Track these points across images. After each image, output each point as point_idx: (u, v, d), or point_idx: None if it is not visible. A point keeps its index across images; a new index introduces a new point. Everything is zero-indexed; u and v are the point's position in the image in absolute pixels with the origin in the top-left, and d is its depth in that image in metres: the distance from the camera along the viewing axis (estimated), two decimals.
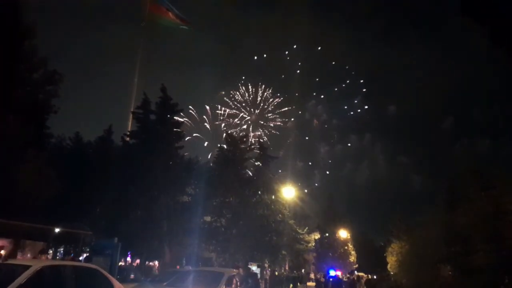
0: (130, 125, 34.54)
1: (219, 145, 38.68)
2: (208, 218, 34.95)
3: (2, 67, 20.08)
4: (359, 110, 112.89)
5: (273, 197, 37.24)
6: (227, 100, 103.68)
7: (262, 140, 39.89)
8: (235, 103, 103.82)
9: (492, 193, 20.95)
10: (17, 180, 21.28)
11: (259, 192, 36.49)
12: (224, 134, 46.46)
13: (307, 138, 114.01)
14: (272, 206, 36.66)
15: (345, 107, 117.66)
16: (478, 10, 17.27)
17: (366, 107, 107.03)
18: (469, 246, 21.47)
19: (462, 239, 22.33)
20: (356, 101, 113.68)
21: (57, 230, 22.06)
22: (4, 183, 20.42)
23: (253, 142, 47.12)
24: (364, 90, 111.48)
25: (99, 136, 32.64)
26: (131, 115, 33.85)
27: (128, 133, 32.21)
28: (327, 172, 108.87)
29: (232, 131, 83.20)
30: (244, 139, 37.37)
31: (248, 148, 37.65)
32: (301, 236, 48.66)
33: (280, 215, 37.41)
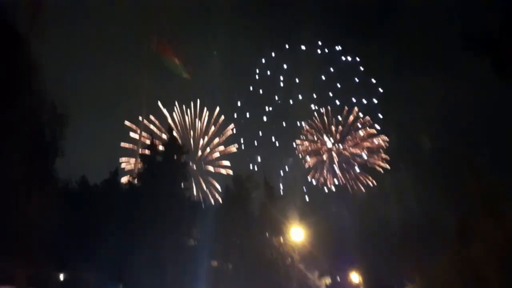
0: (136, 167, 34.71)
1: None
2: (215, 263, 34.18)
3: (10, 109, 20.43)
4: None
5: (281, 239, 36.46)
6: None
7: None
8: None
9: (505, 226, 20.45)
10: (21, 224, 21.07)
11: (267, 234, 35.84)
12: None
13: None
14: (281, 249, 35.86)
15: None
16: (478, 44, 17.70)
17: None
18: (484, 282, 20.69)
19: (476, 276, 21.57)
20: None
21: (61, 276, 21.56)
22: (8, 227, 20.20)
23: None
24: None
25: (105, 179, 32.57)
26: (138, 157, 34.13)
27: (135, 175, 32.32)
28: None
29: None
30: (250, 178, 37.14)
31: (254, 187, 37.30)
32: (311, 281, 47.11)
33: (289, 258, 36.47)
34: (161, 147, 31.90)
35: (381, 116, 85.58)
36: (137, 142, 39.09)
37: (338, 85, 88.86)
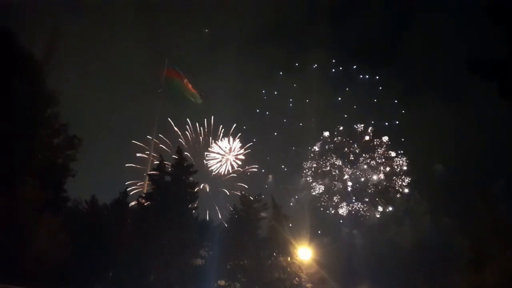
0: (145, 187, 34.95)
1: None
2: (222, 282, 33.87)
3: (25, 133, 20.94)
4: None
5: (289, 259, 36.09)
6: None
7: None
8: None
9: None
10: (30, 244, 21.34)
11: (274, 254, 35.52)
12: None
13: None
14: (288, 269, 35.44)
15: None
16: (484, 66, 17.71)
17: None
18: None
19: None
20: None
21: None
22: (18, 247, 20.45)
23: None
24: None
25: (114, 199, 32.80)
26: (147, 178, 34.40)
27: (144, 195, 32.53)
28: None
29: None
30: (258, 198, 37.00)
31: (262, 207, 37.16)
32: None
33: (296, 278, 36.01)
34: (170, 168, 32.09)
35: (403, 139, 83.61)
36: (147, 163, 39.57)
37: (354, 106, 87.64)
